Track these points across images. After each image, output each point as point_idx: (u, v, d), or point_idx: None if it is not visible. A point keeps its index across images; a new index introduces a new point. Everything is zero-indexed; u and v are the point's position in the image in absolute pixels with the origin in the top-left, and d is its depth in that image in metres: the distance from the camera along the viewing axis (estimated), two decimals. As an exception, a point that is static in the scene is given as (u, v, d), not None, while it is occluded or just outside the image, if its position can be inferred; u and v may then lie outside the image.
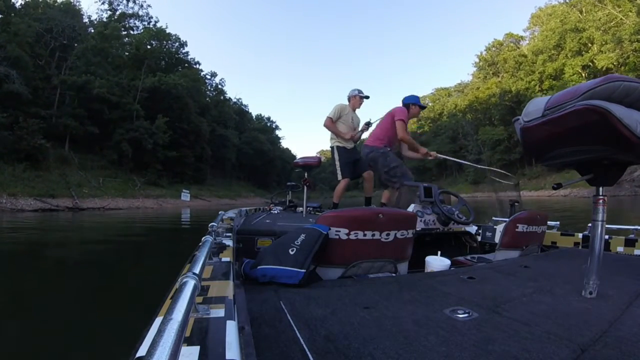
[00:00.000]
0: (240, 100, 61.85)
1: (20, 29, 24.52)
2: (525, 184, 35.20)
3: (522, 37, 46.39)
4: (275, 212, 4.33)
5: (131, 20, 39.84)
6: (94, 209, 21.18)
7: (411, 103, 3.65)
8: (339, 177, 3.99)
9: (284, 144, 70.58)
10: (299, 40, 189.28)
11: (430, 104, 61.84)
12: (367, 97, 4.25)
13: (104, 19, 36.48)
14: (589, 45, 32.33)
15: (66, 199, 21.52)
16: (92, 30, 33.87)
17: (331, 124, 4.07)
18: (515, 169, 41.91)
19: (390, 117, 3.59)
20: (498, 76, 47.26)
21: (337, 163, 4.00)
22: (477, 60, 51.67)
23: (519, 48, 45.56)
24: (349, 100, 4.22)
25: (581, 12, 34.39)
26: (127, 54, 37.04)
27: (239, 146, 50.35)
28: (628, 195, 22.22)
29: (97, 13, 53.56)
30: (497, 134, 41.92)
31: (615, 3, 30.69)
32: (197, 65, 46.24)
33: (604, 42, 30.23)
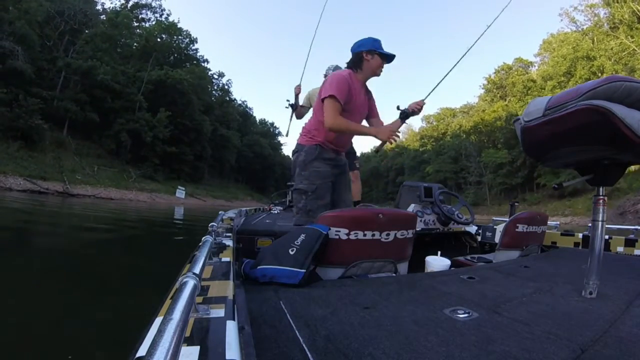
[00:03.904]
0: (245, 103, 62.10)
1: (31, 7, 24.43)
2: (526, 210, 34.79)
3: (531, 62, 46.69)
4: (275, 212, 4.37)
5: (143, 11, 40.05)
6: (84, 195, 20.77)
7: (364, 51, 2.04)
8: None
9: (286, 150, 70.39)
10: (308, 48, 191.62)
11: (434, 123, 62.02)
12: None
13: (117, 8, 36.57)
14: (599, 74, 32.44)
15: (57, 183, 21.09)
16: (104, 18, 33.90)
17: (298, 113, 3.64)
18: (516, 194, 41.67)
19: (320, 90, 2.06)
20: (505, 99, 47.35)
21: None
22: (485, 82, 51.82)
23: (527, 73, 45.79)
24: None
25: (593, 41, 34.64)
26: (136, 45, 37.01)
27: (240, 148, 50.05)
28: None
29: (110, 1, 54.05)
30: (500, 157, 41.72)
31: (629, 33, 30.96)
32: (205, 64, 46.46)
33: (614, 72, 30.33)
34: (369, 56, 2.03)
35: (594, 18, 36.25)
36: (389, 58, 2.08)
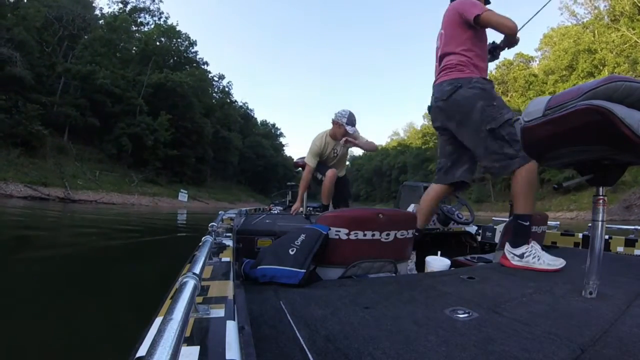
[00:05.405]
0: (246, 105, 62.07)
1: (28, 13, 24.43)
2: (530, 206, 34.53)
3: (532, 57, 46.32)
4: (275, 212, 4.35)
5: (142, 15, 40.07)
6: (85, 201, 20.67)
7: None
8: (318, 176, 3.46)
9: (288, 151, 70.39)
10: (310, 50, 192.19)
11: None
12: (351, 128, 3.18)
13: (116, 12, 36.63)
14: (601, 67, 32.12)
15: (58, 189, 21.02)
16: (103, 22, 33.95)
17: (309, 173, 3.38)
18: (520, 189, 41.34)
19: (457, 19, 1.95)
20: (507, 95, 47.01)
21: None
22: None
23: (529, 68, 45.46)
24: (333, 124, 3.27)
25: (594, 34, 34.28)
26: (135, 49, 37.02)
27: (241, 150, 49.99)
28: (638, 220, 21.51)
29: (108, 5, 54.08)
30: (503, 153, 41.40)
31: (630, 25, 30.58)
32: (205, 66, 46.43)
33: (616, 64, 29.99)
34: None
35: (594, 11, 35.83)
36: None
